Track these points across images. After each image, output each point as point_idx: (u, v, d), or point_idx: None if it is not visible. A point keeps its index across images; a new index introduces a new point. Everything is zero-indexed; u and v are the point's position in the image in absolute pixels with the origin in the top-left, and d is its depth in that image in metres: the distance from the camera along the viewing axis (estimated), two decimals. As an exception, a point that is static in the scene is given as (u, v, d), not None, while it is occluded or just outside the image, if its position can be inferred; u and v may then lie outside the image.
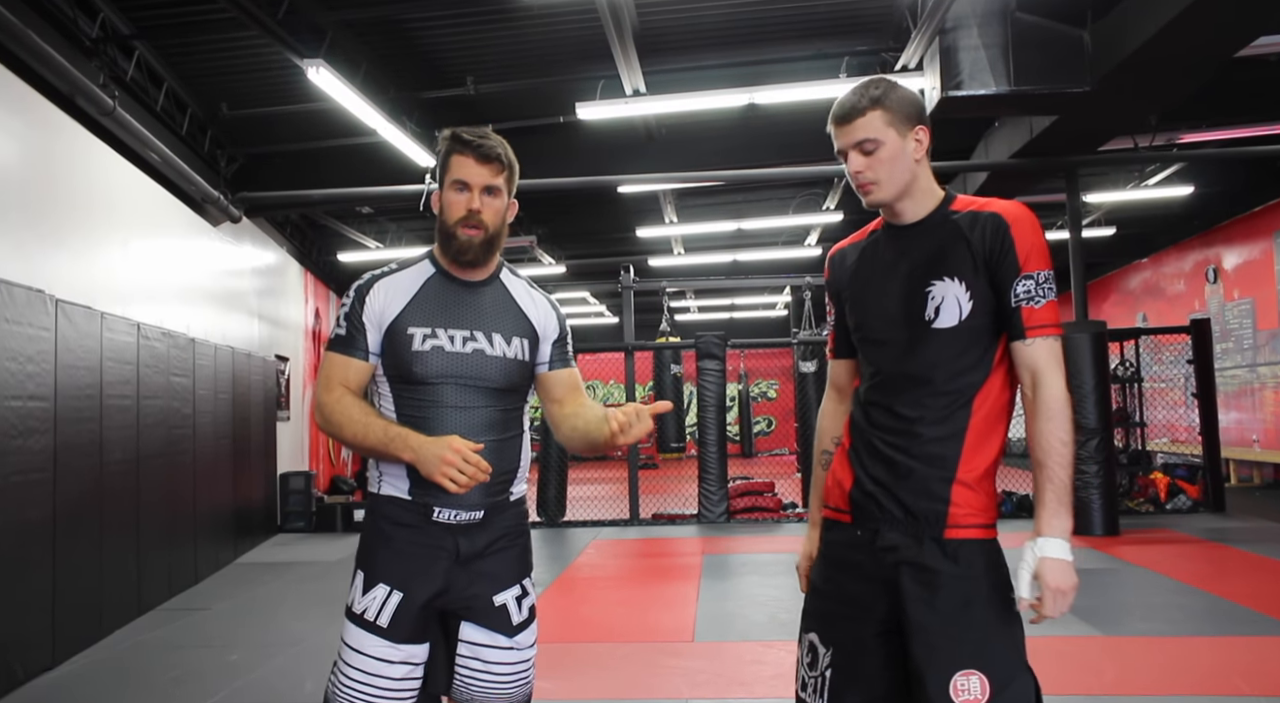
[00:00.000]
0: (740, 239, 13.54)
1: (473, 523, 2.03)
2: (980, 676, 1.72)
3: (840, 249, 2.08)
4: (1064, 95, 6.41)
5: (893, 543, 1.83)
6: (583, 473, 14.95)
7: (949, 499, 1.80)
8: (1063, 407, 1.78)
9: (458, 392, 2.01)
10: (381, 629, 1.97)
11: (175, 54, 7.30)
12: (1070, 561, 1.73)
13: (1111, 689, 3.89)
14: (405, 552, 2.00)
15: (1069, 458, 1.76)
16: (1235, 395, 12.15)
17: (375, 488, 2.06)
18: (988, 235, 1.82)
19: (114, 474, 5.48)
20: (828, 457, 2.07)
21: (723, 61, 7.61)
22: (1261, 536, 7.62)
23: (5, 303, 4.35)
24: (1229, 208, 11.97)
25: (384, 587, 1.98)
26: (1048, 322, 1.80)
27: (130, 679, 4.52)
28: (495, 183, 2.04)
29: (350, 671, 1.98)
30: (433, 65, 7.57)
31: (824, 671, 1.90)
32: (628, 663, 4.50)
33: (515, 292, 2.17)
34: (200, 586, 6.83)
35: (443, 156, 2.07)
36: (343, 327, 2.05)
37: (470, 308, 2.08)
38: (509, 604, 2.08)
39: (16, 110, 5.38)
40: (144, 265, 6.93)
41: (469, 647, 2.05)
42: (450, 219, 2.03)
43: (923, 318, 1.84)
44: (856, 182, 1.88)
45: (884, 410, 1.89)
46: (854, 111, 1.85)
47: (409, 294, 2.06)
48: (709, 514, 9.53)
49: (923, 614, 1.77)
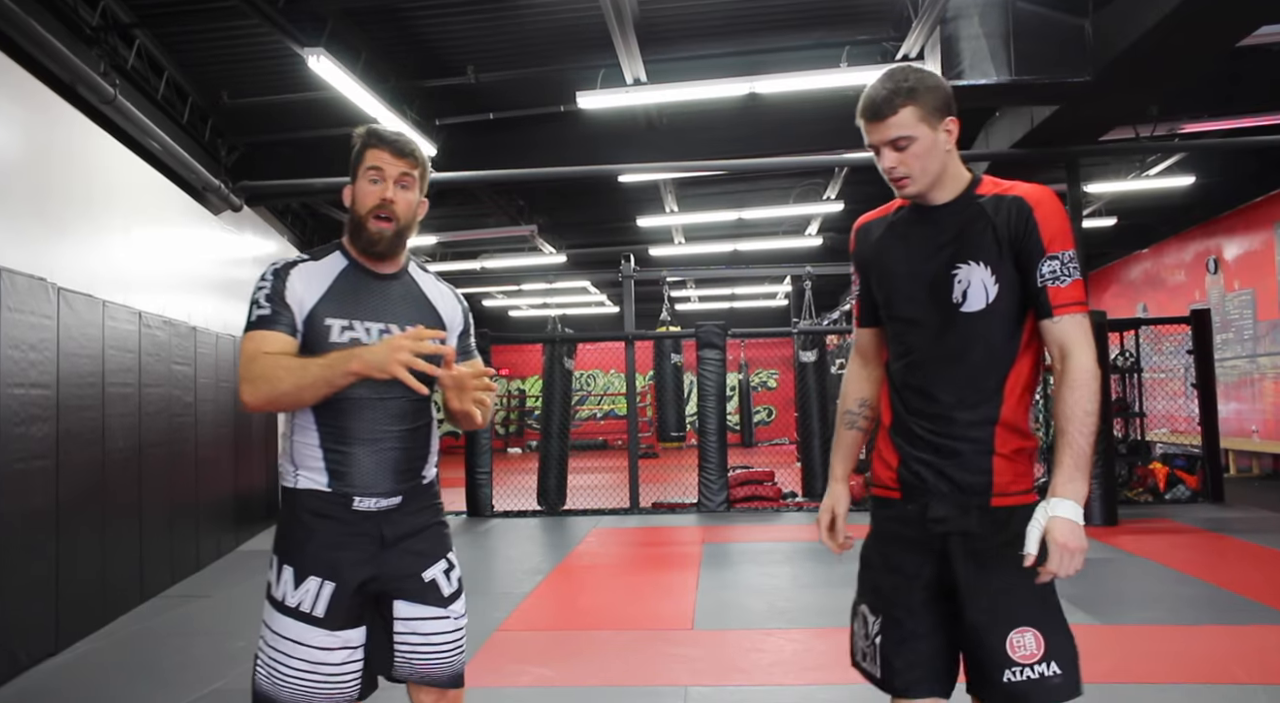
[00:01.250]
0: (741, 229, 13.54)
1: (392, 508, 2.09)
2: (1034, 632, 1.84)
3: (866, 223, 2.12)
4: (1065, 85, 6.40)
5: (942, 515, 1.91)
6: (583, 462, 14.98)
7: (991, 470, 1.88)
8: (1090, 378, 1.83)
9: (371, 384, 2.00)
10: (319, 619, 2.02)
11: (176, 42, 7.29)
12: (1081, 523, 1.79)
13: (1109, 678, 3.91)
14: (331, 542, 2.04)
15: (1092, 427, 1.82)
16: (1235, 386, 12.16)
17: (291, 483, 2.08)
18: (1012, 218, 1.87)
19: (116, 462, 5.50)
20: (851, 416, 2.17)
21: (723, 50, 7.60)
22: (1260, 525, 7.65)
23: (7, 291, 4.36)
24: (1230, 198, 11.96)
25: (315, 579, 2.03)
26: (1074, 299, 1.85)
27: (133, 666, 4.55)
28: (410, 174, 2.10)
29: (291, 661, 2.02)
30: (433, 54, 7.56)
31: (874, 637, 2.00)
32: (627, 651, 4.52)
33: (424, 284, 2.23)
34: (202, 573, 6.86)
35: (357, 151, 2.11)
36: (265, 307, 2.03)
37: (384, 300, 2.12)
38: (438, 578, 2.16)
39: (17, 98, 5.37)
40: (145, 254, 6.93)
41: (405, 623, 2.11)
42: (362, 209, 2.08)
43: (950, 301, 1.90)
44: (890, 176, 1.92)
45: (919, 395, 1.95)
46: (887, 108, 1.87)
47: (324, 284, 2.08)
48: (709, 503, 9.55)
49: (976, 579, 1.87)
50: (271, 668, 2.04)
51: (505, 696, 3.88)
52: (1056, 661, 1.84)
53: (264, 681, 2.05)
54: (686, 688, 3.90)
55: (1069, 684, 1.84)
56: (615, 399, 22.29)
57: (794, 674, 4.07)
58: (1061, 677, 1.83)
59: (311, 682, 2.02)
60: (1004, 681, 1.83)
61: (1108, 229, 13.28)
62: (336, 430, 2.05)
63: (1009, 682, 1.83)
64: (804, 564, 6.56)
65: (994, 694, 1.86)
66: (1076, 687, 1.86)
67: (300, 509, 2.06)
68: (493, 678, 4.08)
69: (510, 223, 11.72)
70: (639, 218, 11.86)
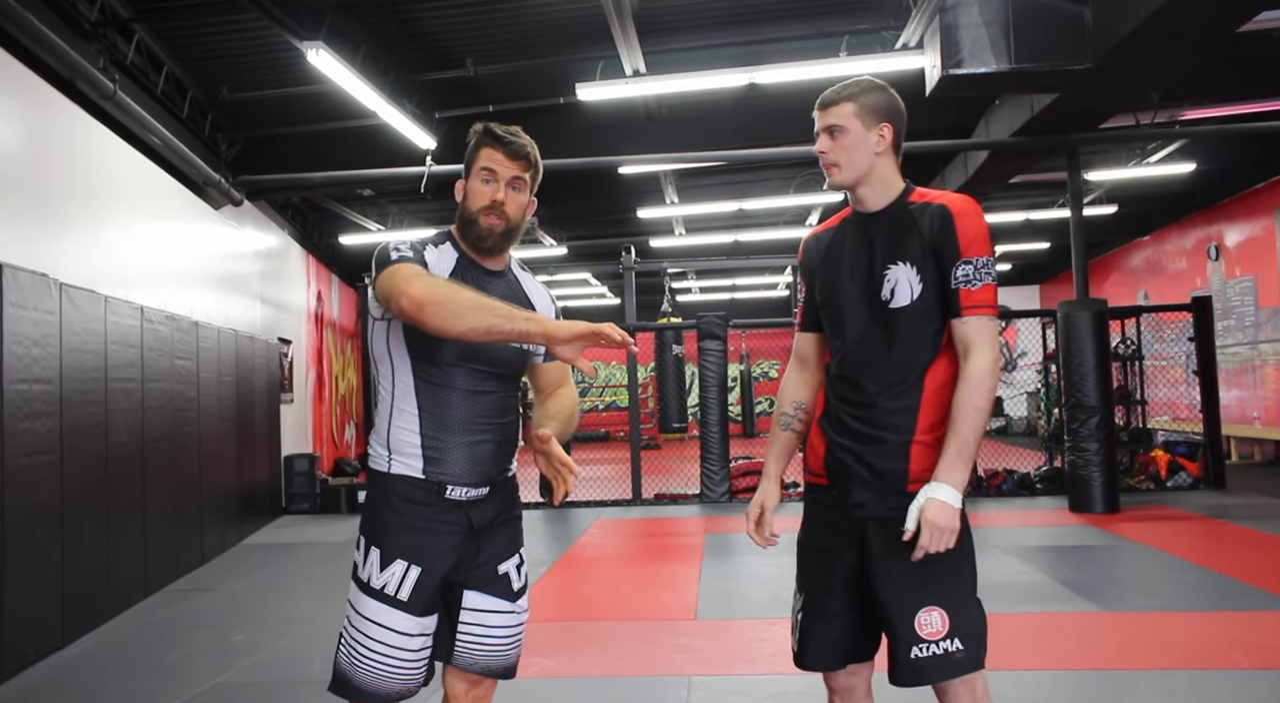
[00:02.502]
0: (741, 219, 13.51)
1: (480, 498, 2.12)
2: (940, 610, 1.97)
3: (816, 234, 2.30)
4: (1065, 72, 6.39)
5: (861, 501, 2.07)
6: (586, 453, 14.99)
7: (909, 457, 2.03)
8: (985, 377, 1.97)
9: (471, 376, 2.08)
10: (403, 603, 2.05)
11: (175, 37, 7.28)
12: (956, 507, 1.94)
13: (1111, 664, 3.93)
14: (421, 528, 2.07)
15: (979, 423, 1.97)
16: (1236, 373, 12.16)
17: (384, 468, 2.10)
18: (935, 224, 2.02)
19: (120, 457, 5.51)
20: (786, 419, 2.32)
21: (723, 41, 7.58)
22: (1261, 512, 7.66)
23: (10, 287, 4.37)
24: (1231, 185, 11.94)
25: (402, 562, 2.05)
26: (983, 302, 2.00)
27: (138, 659, 4.57)
28: (522, 176, 2.15)
29: (372, 643, 2.05)
30: (432, 47, 7.55)
31: (797, 614, 2.20)
32: (630, 641, 4.54)
33: (525, 283, 2.28)
34: (206, 567, 6.88)
35: (472, 148, 2.16)
36: (405, 250, 2.05)
37: (492, 295, 2.09)
38: (511, 572, 2.20)
39: (17, 94, 5.37)
40: (147, 249, 6.94)
41: (473, 614, 2.15)
42: (474, 206, 2.13)
43: (880, 297, 2.06)
44: (822, 161, 2.13)
45: (848, 384, 2.11)
46: (831, 101, 2.10)
47: (446, 270, 2.12)
48: (711, 494, 9.57)
49: (888, 562, 2.01)
50: (352, 648, 2.07)
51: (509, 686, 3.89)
52: (960, 637, 1.96)
53: (344, 660, 2.08)
54: (690, 678, 3.92)
55: (971, 658, 1.97)
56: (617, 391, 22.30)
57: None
58: (964, 652, 1.96)
59: (389, 666, 2.05)
60: (910, 657, 1.97)
61: (1108, 217, 13.25)
62: (438, 419, 2.07)
63: (915, 658, 1.96)
64: (796, 555, 6.56)
65: (901, 671, 1.99)
66: (979, 661, 1.99)
67: (391, 494, 2.08)
68: (497, 669, 4.11)
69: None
70: (639, 209, 11.84)
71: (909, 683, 2.00)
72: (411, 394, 2.08)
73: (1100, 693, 3.61)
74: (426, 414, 2.07)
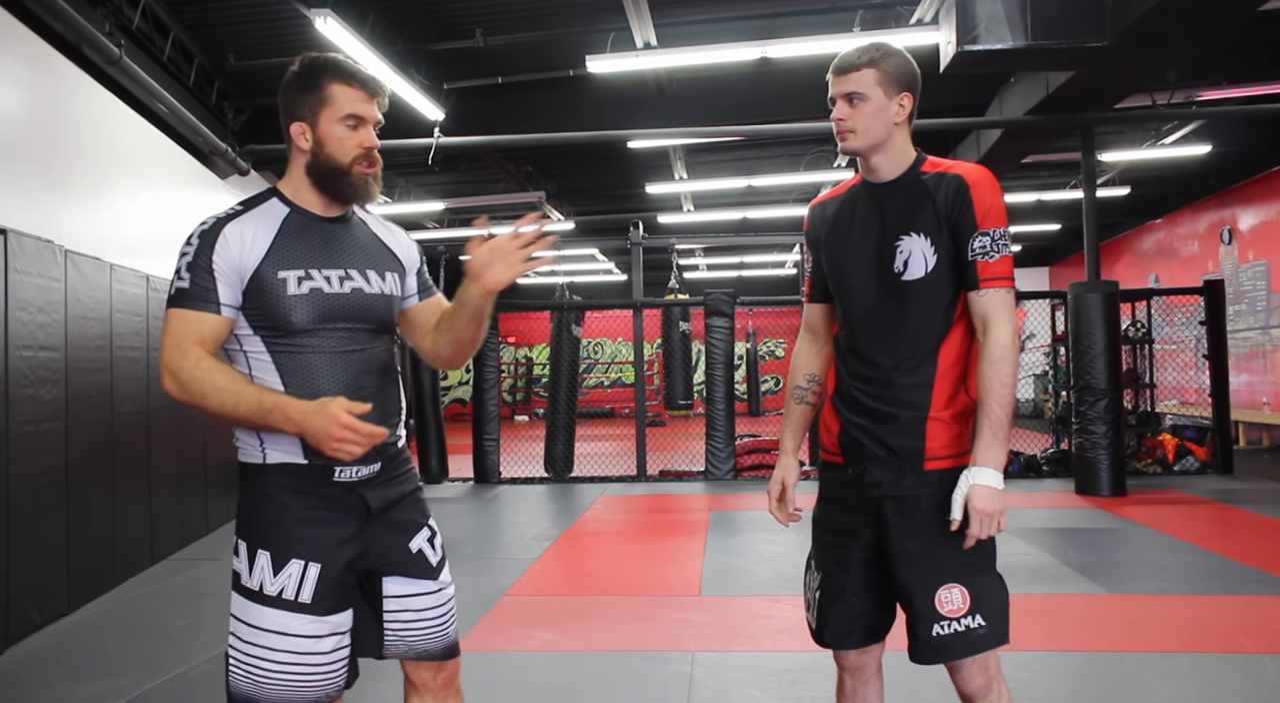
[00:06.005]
0: (750, 196, 13.44)
1: (372, 476, 1.93)
2: (960, 587, 1.96)
3: (821, 202, 2.24)
4: (1082, 50, 6.29)
5: (878, 479, 2.03)
6: (590, 429, 15.00)
7: (925, 435, 1.99)
8: (1007, 352, 1.93)
9: (341, 336, 1.88)
10: (305, 605, 1.84)
11: (182, 3, 7.21)
12: (1000, 489, 1.90)
13: (1117, 646, 3.92)
14: (311, 520, 1.87)
15: (1008, 399, 1.93)
16: (1246, 358, 12.09)
17: (258, 459, 1.89)
18: (950, 195, 1.98)
19: (125, 425, 5.51)
20: (800, 391, 2.27)
21: (735, 14, 7.50)
22: (1269, 497, 7.63)
23: (15, 253, 4.34)
24: (1246, 167, 11.82)
25: (298, 561, 1.84)
26: (1001, 274, 1.96)
27: (143, 627, 4.59)
28: (380, 118, 1.95)
29: (276, 655, 1.83)
30: (441, 17, 7.47)
31: (815, 591, 2.16)
32: (634, 616, 4.54)
33: (373, 225, 2.06)
34: (212, 536, 6.90)
35: (312, 85, 1.89)
36: (185, 278, 1.83)
37: (339, 245, 1.94)
38: (424, 547, 2.02)
39: (22, 58, 5.32)
40: (152, 217, 6.91)
41: (396, 600, 1.97)
42: (344, 157, 1.89)
43: (892, 270, 2.01)
44: (837, 127, 2.05)
45: (860, 360, 2.06)
46: (851, 66, 2.02)
47: (269, 236, 1.86)
48: (716, 471, 9.57)
49: (906, 541, 1.99)
50: (250, 667, 1.84)
51: (512, 659, 3.90)
52: (982, 613, 1.95)
53: (242, 681, 1.84)
54: (693, 653, 3.91)
55: (994, 634, 1.96)
56: (623, 367, 22.30)
57: (801, 640, 4.08)
58: (986, 628, 1.95)
59: (299, 676, 1.84)
60: (932, 634, 1.95)
61: (1121, 199, 13.15)
62: (307, 392, 1.82)
63: (937, 635, 1.95)
64: (811, 532, 6.56)
65: (922, 649, 1.97)
66: (1003, 635, 1.98)
67: (271, 487, 1.87)
68: (500, 642, 4.11)
69: (518, 189, 11.66)
70: (648, 185, 11.77)
71: (930, 661, 1.98)
72: (270, 366, 1.85)
73: (1103, 675, 3.60)
74: (293, 388, 1.83)
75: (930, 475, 1.98)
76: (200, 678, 3.75)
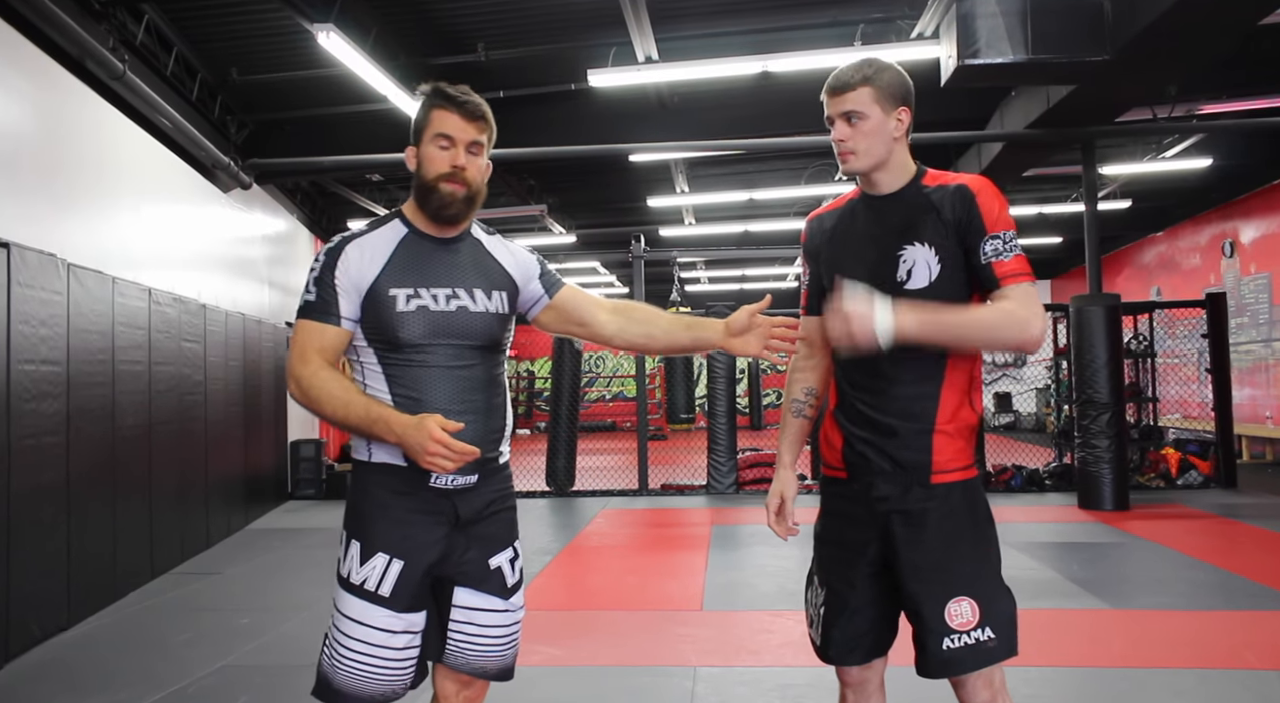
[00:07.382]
0: (752, 209, 13.45)
1: (468, 487, 2.00)
2: (970, 600, 1.94)
3: (819, 215, 2.24)
4: (1083, 64, 6.31)
5: (885, 493, 2.01)
6: (592, 443, 14.98)
7: (931, 448, 1.98)
8: (1014, 321, 1.88)
9: (448, 352, 1.97)
10: (384, 599, 1.94)
11: (185, 18, 7.24)
12: (873, 315, 1.85)
13: (1121, 662, 3.89)
14: (404, 519, 1.96)
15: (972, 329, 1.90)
16: (1249, 371, 12.07)
17: (365, 456, 2.00)
18: (957, 204, 1.97)
19: (126, 439, 5.51)
20: (797, 404, 2.25)
21: (736, 29, 7.52)
22: (1272, 511, 7.60)
23: (18, 267, 4.35)
24: (1248, 181, 11.83)
25: (383, 556, 1.94)
26: (1019, 271, 1.94)
27: (144, 641, 4.57)
28: (480, 140, 2.02)
29: (351, 643, 1.94)
30: (443, 31, 7.50)
31: (819, 607, 2.13)
32: (636, 631, 4.52)
33: (490, 246, 2.14)
34: (212, 550, 6.88)
35: (422, 111, 2.02)
36: (312, 293, 1.96)
37: (448, 265, 2.02)
38: (504, 566, 2.08)
39: (27, 73, 5.35)
40: (155, 231, 6.93)
41: (464, 611, 2.03)
42: (432, 174, 1.99)
43: (895, 279, 1.98)
44: (839, 149, 2.04)
45: (862, 371, 2.03)
46: (846, 85, 2.01)
47: (385, 255, 1.98)
48: (718, 485, 9.55)
49: (914, 554, 1.97)
50: (334, 649, 1.96)
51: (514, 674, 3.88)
52: (991, 625, 1.93)
53: (325, 662, 1.98)
54: (695, 668, 3.89)
55: (1004, 646, 1.95)
56: (624, 381, 22.29)
57: (803, 656, 4.05)
58: (996, 640, 1.94)
59: (370, 666, 1.94)
60: (942, 648, 1.93)
61: (1122, 212, 13.15)
62: (413, 403, 1.93)
63: (947, 649, 1.93)
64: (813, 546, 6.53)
65: (931, 663, 1.95)
66: (1012, 647, 1.97)
67: (372, 484, 1.99)
68: (501, 657, 4.10)
69: (520, 202, 11.67)
70: (649, 198, 11.79)
71: (939, 675, 1.96)
72: (381, 376, 1.97)
73: (1108, 691, 3.57)
74: (401, 398, 1.94)
75: (938, 488, 1.97)
76: (200, 693, 3.73)
